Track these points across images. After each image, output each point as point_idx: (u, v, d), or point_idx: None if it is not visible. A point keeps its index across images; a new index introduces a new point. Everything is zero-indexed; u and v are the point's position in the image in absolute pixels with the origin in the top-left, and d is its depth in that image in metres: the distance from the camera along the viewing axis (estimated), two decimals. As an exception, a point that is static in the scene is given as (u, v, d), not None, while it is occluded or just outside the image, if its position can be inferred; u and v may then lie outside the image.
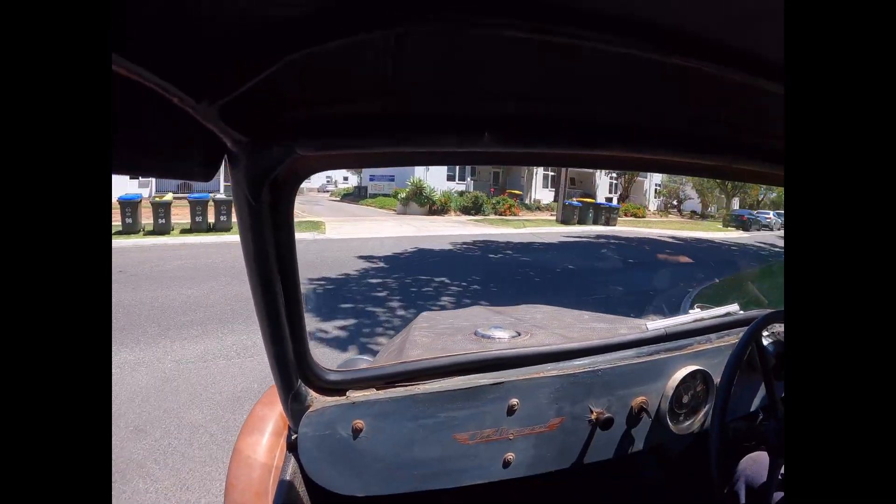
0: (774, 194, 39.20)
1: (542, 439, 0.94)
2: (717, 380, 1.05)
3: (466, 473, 0.91)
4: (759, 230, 25.18)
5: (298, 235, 0.74)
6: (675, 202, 36.36)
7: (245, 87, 0.40)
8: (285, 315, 0.71)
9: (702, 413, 1.07)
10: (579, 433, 0.97)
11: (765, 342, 1.10)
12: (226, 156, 0.54)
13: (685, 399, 1.05)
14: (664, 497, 1.28)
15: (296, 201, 0.65)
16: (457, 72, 0.50)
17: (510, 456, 0.92)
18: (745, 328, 1.05)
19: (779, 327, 1.15)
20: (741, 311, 1.26)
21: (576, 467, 0.98)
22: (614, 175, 31.98)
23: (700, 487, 1.05)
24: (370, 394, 0.87)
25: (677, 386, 1.02)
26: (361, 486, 0.85)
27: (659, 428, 1.03)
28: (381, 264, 8.32)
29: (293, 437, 0.84)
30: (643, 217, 28.08)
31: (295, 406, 0.81)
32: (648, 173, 33.42)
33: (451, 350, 1.02)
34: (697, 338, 1.13)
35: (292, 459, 0.87)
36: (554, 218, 20.49)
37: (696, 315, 1.19)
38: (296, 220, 0.68)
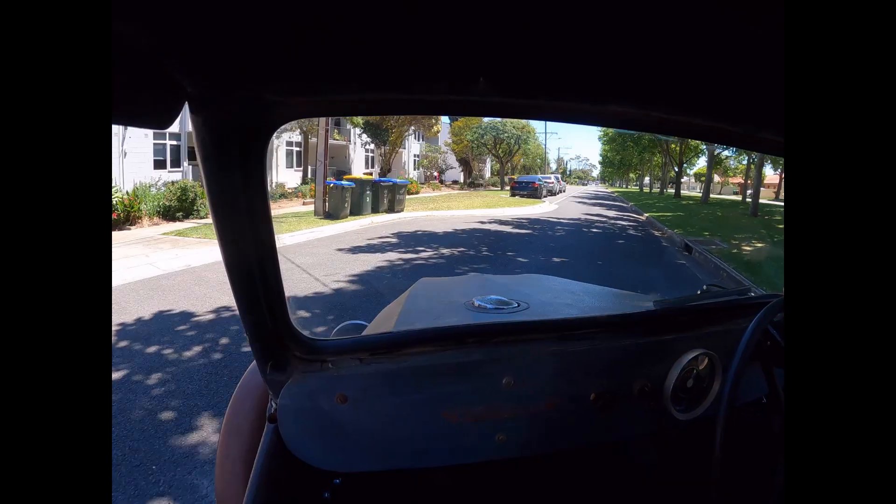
0: (527, 159, 41.50)
1: (537, 420, 0.85)
2: (724, 364, 0.94)
3: (456, 453, 0.84)
4: (546, 196, 22.58)
5: None
6: (435, 173, 33.19)
7: (204, 20, 0.36)
8: (259, 276, 0.64)
9: (705, 399, 0.94)
10: (577, 415, 0.88)
11: (774, 329, 0.96)
12: (187, 102, 0.48)
13: (689, 383, 0.93)
14: (660, 482, 1.13)
15: None
16: (450, 11, 0.43)
17: (502, 436, 0.84)
18: (759, 312, 0.88)
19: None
20: (754, 293, 1.12)
21: (571, 450, 0.93)
22: (371, 146, 26.00)
23: (697, 474, 0.85)
24: (355, 365, 0.79)
25: (682, 369, 0.90)
26: (344, 461, 0.80)
27: (660, 412, 0.92)
28: None
29: (273, 409, 0.77)
30: (418, 193, 22.72)
31: (274, 376, 0.75)
32: (407, 144, 29.74)
33: (446, 320, 0.98)
34: (707, 319, 1.01)
35: (272, 431, 0.78)
36: (310, 210, 12.77)
37: (707, 295, 1.08)
38: None
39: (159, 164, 13.98)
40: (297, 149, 21.50)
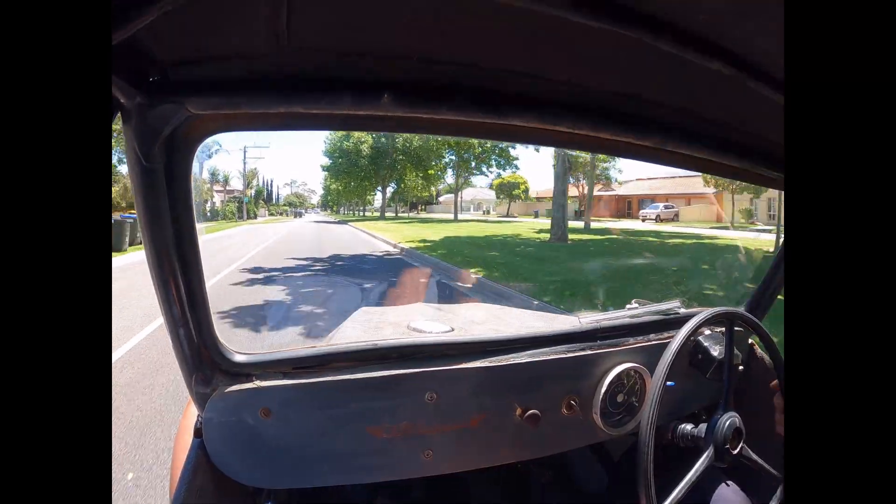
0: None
1: (463, 436, 0.85)
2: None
3: (382, 469, 0.83)
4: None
5: None
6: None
7: (126, 36, 0.38)
8: (185, 290, 0.65)
9: (638, 413, 0.96)
10: (504, 430, 0.88)
11: (705, 343, 1.02)
12: (119, 114, 0.50)
13: (620, 398, 0.95)
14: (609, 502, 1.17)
15: None
16: (356, 29, 0.46)
17: (429, 452, 0.83)
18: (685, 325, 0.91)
19: (733, 328, 0.98)
20: (683, 309, 1.13)
21: (504, 467, 0.93)
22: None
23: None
24: (278, 379, 0.78)
25: (610, 384, 0.92)
26: (269, 477, 0.78)
27: (594, 428, 0.94)
28: None
29: (199, 423, 0.76)
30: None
31: (199, 389, 0.75)
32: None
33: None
34: (633, 334, 1.03)
35: (198, 446, 0.77)
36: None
37: (633, 311, 1.09)
38: None
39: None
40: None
